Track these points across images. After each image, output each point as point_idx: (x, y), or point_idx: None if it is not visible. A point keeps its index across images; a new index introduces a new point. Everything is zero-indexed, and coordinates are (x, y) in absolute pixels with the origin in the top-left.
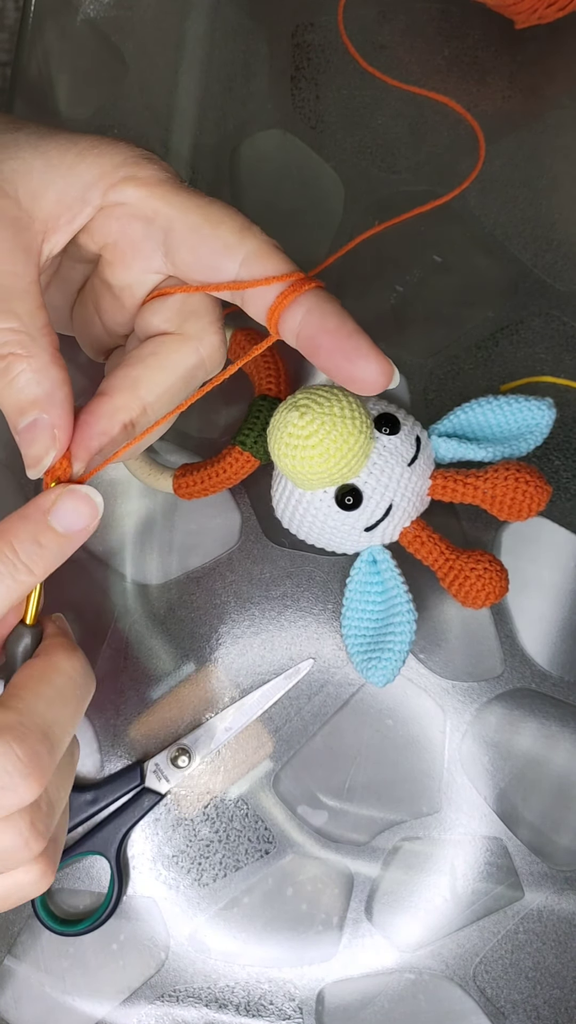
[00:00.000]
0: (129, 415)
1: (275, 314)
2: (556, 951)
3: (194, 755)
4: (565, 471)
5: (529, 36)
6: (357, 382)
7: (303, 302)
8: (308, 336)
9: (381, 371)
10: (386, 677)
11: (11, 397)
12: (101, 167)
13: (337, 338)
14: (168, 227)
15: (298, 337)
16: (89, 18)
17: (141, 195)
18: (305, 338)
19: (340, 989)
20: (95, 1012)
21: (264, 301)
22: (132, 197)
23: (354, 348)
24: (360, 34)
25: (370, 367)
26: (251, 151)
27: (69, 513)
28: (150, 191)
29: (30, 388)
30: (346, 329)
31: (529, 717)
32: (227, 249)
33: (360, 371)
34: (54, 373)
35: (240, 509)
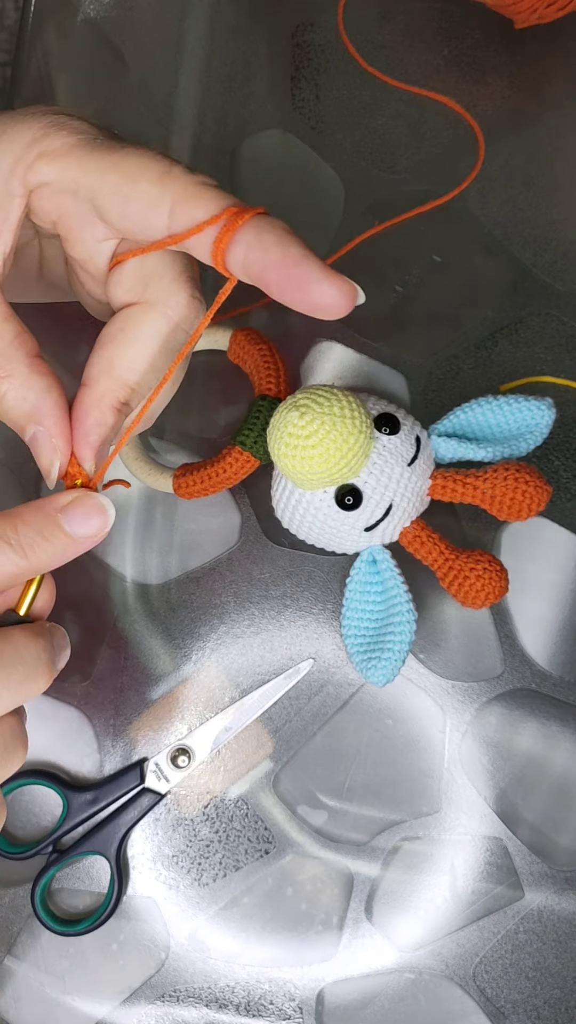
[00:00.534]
0: (116, 397)
1: (219, 259)
2: (556, 951)
3: (194, 755)
4: (565, 471)
5: (529, 36)
6: (318, 310)
7: (242, 238)
8: (256, 274)
9: (339, 292)
10: (386, 677)
11: (5, 417)
12: (14, 153)
13: (283, 268)
14: (92, 194)
15: (248, 276)
16: (89, 18)
17: (56, 169)
18: (255, 275)
19: (340, 989)
20: (95, 1012)
21: (205, 247)
22: (49, 175)
23: (303, 276)
24: (360, 34)
25: (324, 291)
26: (251, 151)
27: (80, 518)
28: (63, 163)
29: (17, 405)
30: (291, 257)
31: (529, 717)
32: (152, 203)
33: (316, 297)
34: (36, 383)
35: (240, 509)
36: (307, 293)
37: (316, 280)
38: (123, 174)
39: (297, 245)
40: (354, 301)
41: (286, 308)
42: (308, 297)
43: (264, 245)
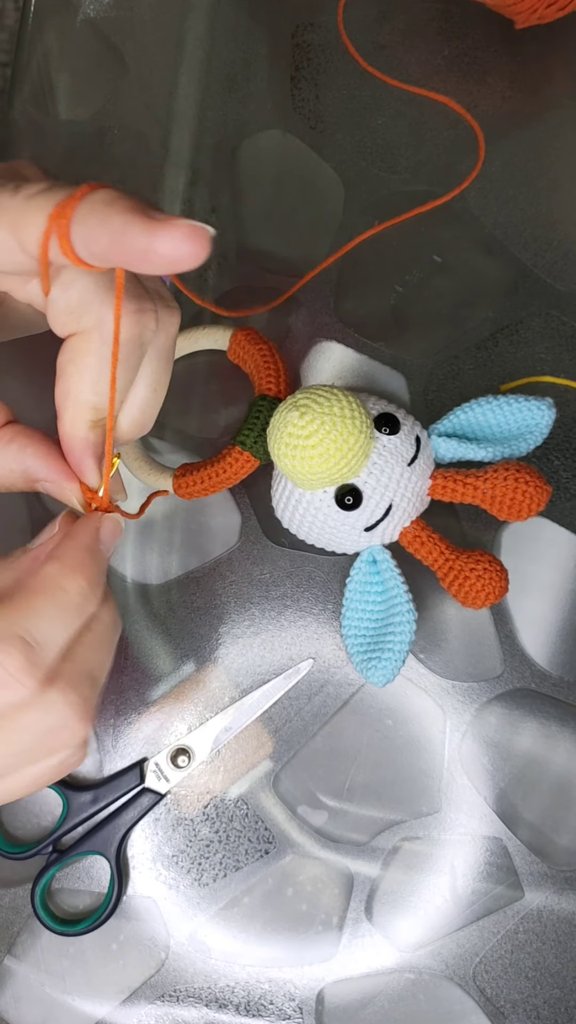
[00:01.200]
0: (85, 419)
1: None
2: (556, 951)
3: (194, 755)
4: (565, 471)
5: (529, 36)
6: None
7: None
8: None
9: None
10: (386, 677)
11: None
12: None
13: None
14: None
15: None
16: (89, 18)
17: None
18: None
19: (340, 989)
20: (95, 1012)
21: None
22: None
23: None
24: (360, 34)
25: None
26: (251, 151)
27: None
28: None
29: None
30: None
31: (529, 717)
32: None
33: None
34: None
35: (240, 509)
36: (148, 251)
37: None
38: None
39: (133, 206)
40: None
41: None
42: (149, 254)
43: (103, 217)
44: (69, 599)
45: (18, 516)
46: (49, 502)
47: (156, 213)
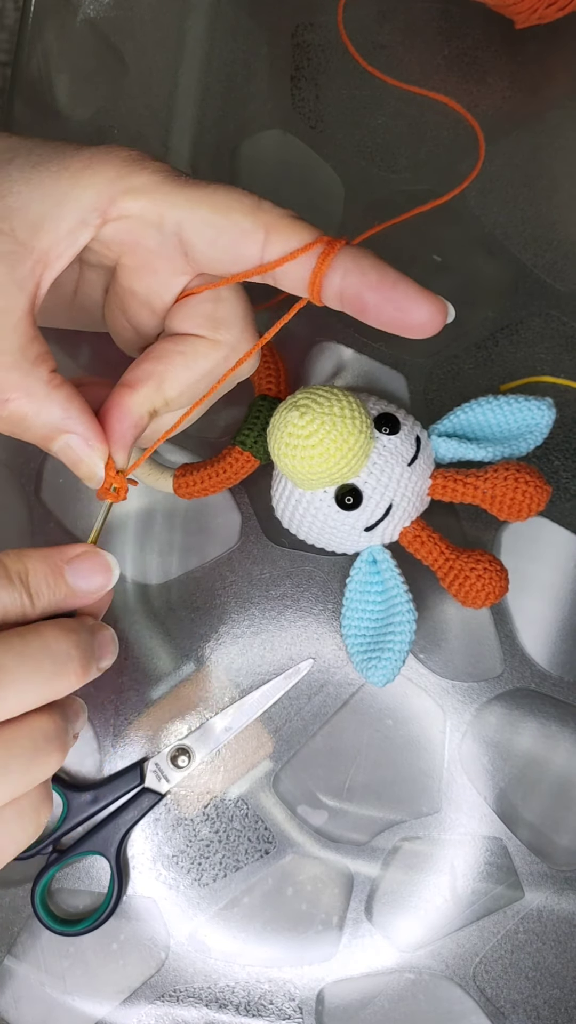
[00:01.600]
0: (155, 406)
1: (317, 283)
2: (556, 951)
3: (194, 755)
4: (565, 471)
5: (529, 36)
6: (413, 329)
7: (338, 264)
8: (353, 296)
9: (435, 311)
10: (386, 677)
11: (28, 433)
12: (96, 187)
13: (382, 291)
14: (179, 228)
15: (342, 299)
16: (89, 18)
17: (143, 204)
18: (351, 298)
19: (340, 989)
20: (95, 1012)
21: (298, 274)
22: (134, 209)
23: (403, 296)
24: (360, 34)
25: (422, 311)
26: (251, 151)
27: (85, 572)
28: (150, 198)
29: (41, 421)
30: (389, 279)
31: (529, 717)
32: (245, 235)
33: (414, 316)
34: (58, 396)
35: (240, 509)
36: (406, 312)
37: (414, 299)
38: (214, 207)
39: (392, 269)
40: (447, 317)
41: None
42: (406, 316)
43: (362, 269)
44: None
45: (18, 516)
46: (49, 501)
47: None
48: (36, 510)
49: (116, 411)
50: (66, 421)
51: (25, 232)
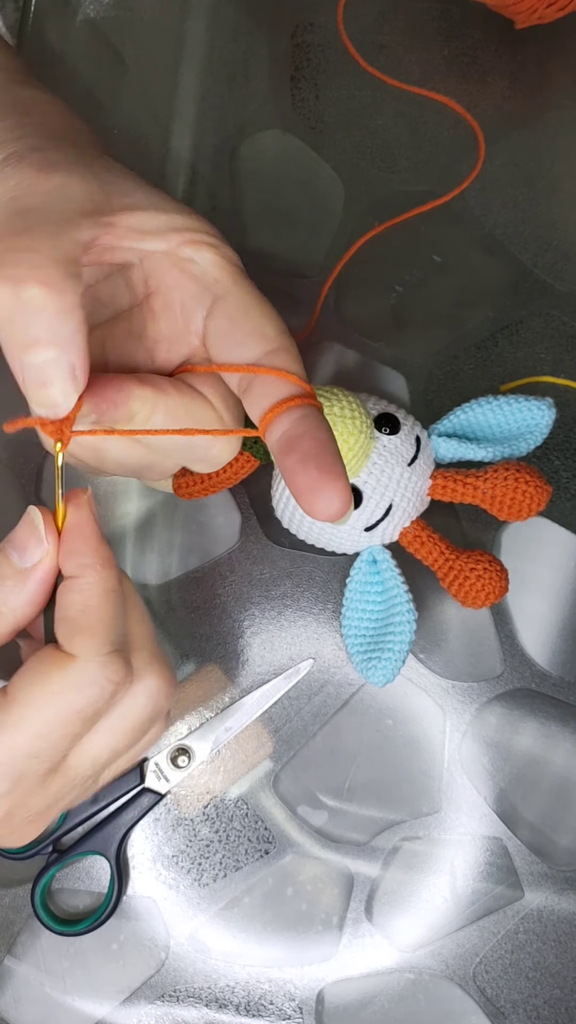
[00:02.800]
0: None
1: (271, 415)
2: (556, 951)
3: (194, 755)
4: (565, 471)
5: (529, 36)
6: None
7: (302, 410)
8: (295, 436)
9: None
10: (386, 677)
11: (26, 328)
12: (191, 223)
13: (320, 448)
14: (221, 296)
15: (285, 434)
16: (89, 18)
17: (214, 261)
18: (291, 437)
19: (340, 989)
20: (95, 1012)
21: (267, 396)
22: (204, 260)
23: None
24: (360, 34)
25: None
26: (251, 151)
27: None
28: (223, 263)
29: (52, 323)
30: (332, 448)
31: (529, 717)
32: (262, 336)
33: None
34: (78, 315)
35: (240, 509)
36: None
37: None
38: (259, 306)
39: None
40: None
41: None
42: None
43: (320, 424)
44: (117, 591)
45: (19, 517)
46: (49, 501)
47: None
48: None
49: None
50: (68, 341)
51: (117, 202)
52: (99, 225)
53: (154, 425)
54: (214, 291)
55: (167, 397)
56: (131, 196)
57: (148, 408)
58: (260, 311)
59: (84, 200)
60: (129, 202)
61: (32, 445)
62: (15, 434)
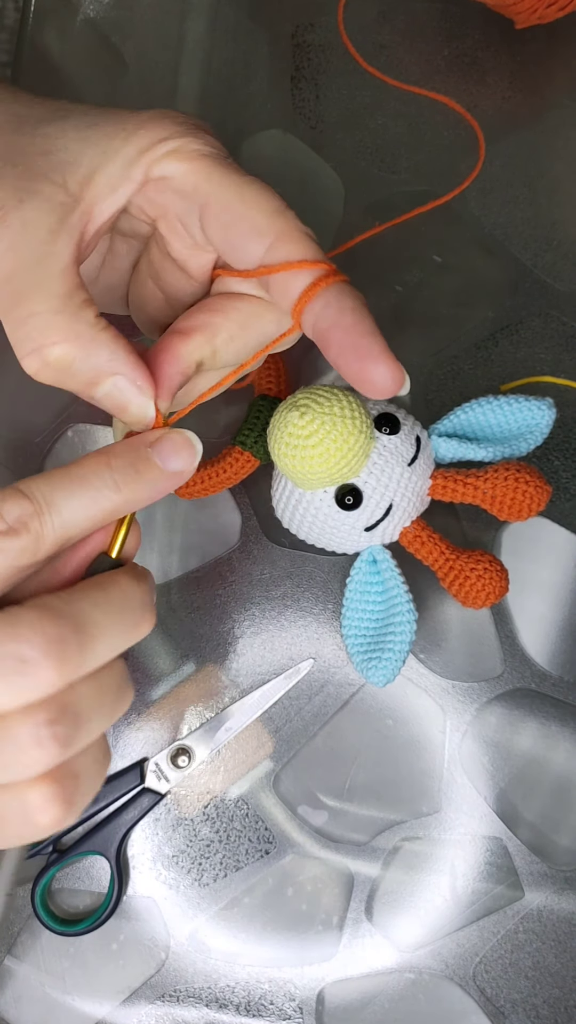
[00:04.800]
0: (203, 355)
1: (301, 304)
2: (556, 951)
3: (194, 755)
4: (565, 471)
5: (529, 36)
6: (365, 383)
7: (324, 295)
8: (323, 329)
9: (391, 376)
10: (386, 677)
11: (74, 379)
12: (146, 142)
13: (350, 335)
14: (205, 202)
15: (315, 329)
16: (89, 18)
17: (182, 169)
18: (320, 331)
19: (340, 989)
20: (95, 1012)
21: (288, 289)
22: (174, 171)
23: (366, 348)
24: (360, 34)
25: (379, 370)
26: (251, 151)
27: (170, 452)
28: (191, 165)
29: (88, 364)
30: (361, 328)
31: (529, 717)
32: (255, 231)
33: (368, 372)
34: (104, 337)
35: (240, 509)
36: (364, 365)
37: (375, 358)
38: (240, 197)
39: (370, 320)
40: (399, 388)
41: None
42: (363, 368)
43: (342, 308)
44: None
45: None
46: None
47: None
48: None
49: (166, 355)
50: (113, 363)
51: (76, 185)
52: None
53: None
54: (196, 200)
55: (216, 326)
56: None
57: (207, 350)
58: (245, 202)
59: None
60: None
61: (32, 445)
62: (15, 434)
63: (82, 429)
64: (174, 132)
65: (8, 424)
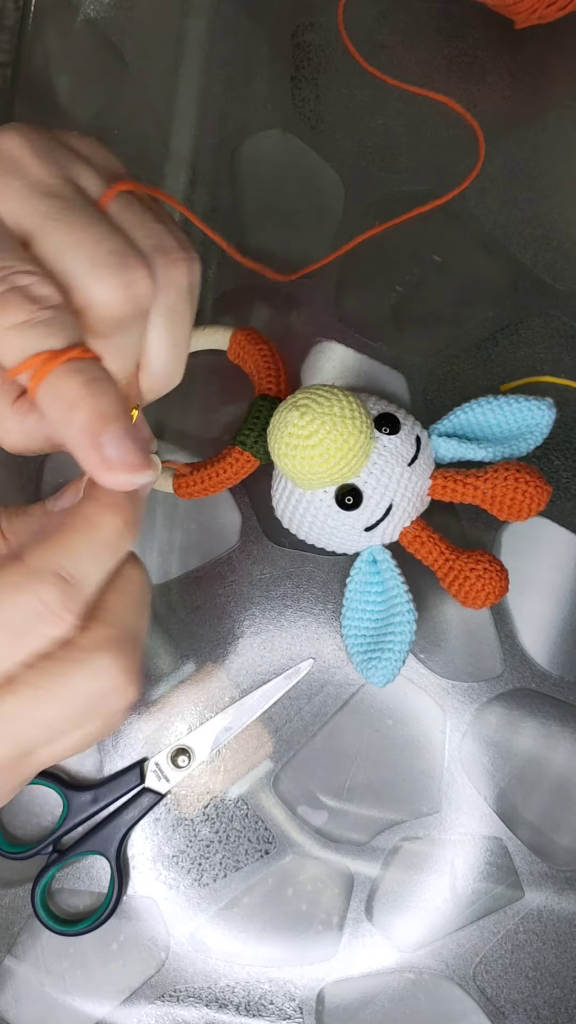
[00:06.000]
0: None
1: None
2: (556, 951)
3: (194, 755)
4: (565, 471)
5: (529, 36)
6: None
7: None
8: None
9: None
10: (386, 677)
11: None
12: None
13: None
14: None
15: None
16: (89, 18)
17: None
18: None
19: (340, 989)
20: (95, 1012)
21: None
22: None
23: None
24: (360, 34)
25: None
26: (251, 151)
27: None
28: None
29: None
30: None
31: (529, 717)
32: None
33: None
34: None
35: (240, 509)
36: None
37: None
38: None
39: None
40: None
41: (286, 308)
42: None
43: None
44: (104, 537)
45: None
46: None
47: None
48: None
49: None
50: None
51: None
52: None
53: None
54: None
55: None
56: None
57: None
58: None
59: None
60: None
61: None
62: None
63: None
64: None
65: None
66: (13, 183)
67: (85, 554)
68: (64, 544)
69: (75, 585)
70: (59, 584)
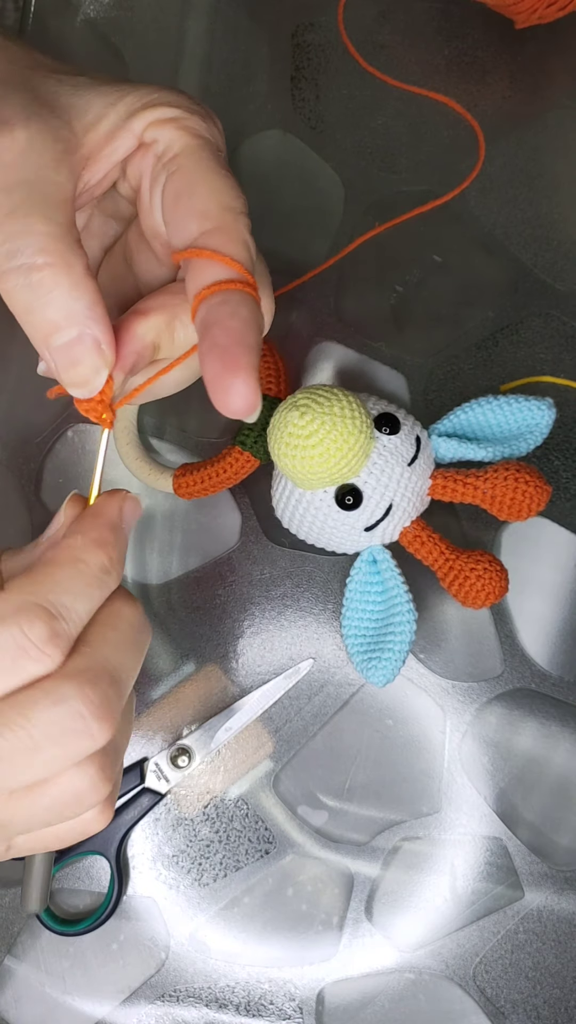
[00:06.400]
0: (161, 337)
1: (202, 294)
2: (556, 951)
3: (194, 755)
4: (565, 471)
5: (529, 36)
6: (218, 392)
7: (226, 295)
8: (207, 322)
9: (243, 395)
10: (386, 677)
11: (43, 312)
12: (151, 99)
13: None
14: (174, 171)
15: (201, 320)
16: (89, 18)
17: (172, 137)
18: (204, 322)
19: (340, 989)
20: (95, 1012)
21: (200, 278)
22: (164, 137)
23: (234, 357)
24: (360, 34)
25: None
26: (251, 151)
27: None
28: (181, 137)
29: (66, 302)
30: (242, 337)
31: (529, 717)
32: (200, 213)
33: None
34: (90, 286)
35: (240, 509)
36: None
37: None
38: (208, 181)
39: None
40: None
41: (287, 306)
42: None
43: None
44: (90, 572)
45: (19, 517)
46: (49, 502)
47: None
48: (36, 510)
49: (124, 333)
50: (88, 312)
51: (80, 128)
52: (76, 170)
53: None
54: (168, 167)
55: (173, 307)
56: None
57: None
58: (209, 186)
59: (54, 148)
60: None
61: (32, 445)
62: (15, 434)
63: (82, 429)
64: (182, 106)
65: (8, 424)
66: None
67: (70, 588)
68: (50, 577)
69: (61, 620)
70: (44, 617)
